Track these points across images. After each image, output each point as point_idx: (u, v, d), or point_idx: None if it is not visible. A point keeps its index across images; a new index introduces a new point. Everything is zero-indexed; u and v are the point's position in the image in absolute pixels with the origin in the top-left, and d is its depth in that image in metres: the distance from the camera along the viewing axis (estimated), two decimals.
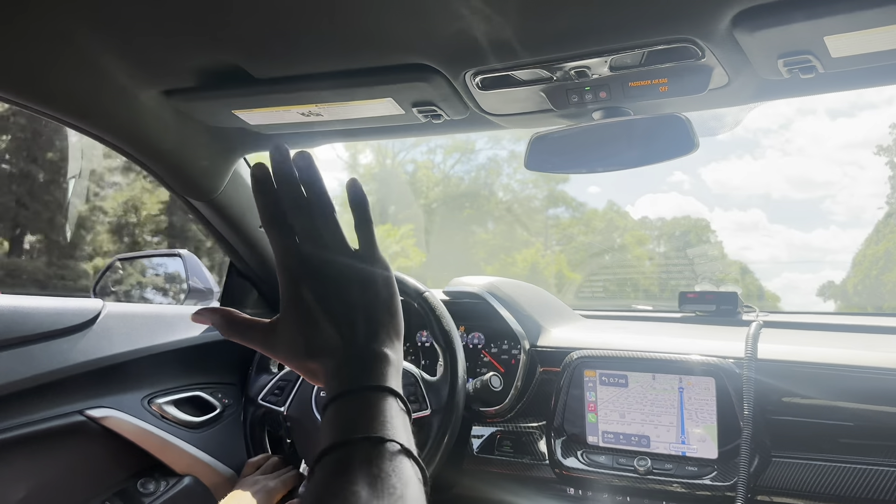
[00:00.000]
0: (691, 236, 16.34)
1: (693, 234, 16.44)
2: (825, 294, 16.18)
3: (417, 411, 1.22)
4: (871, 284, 13.92)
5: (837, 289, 15.88)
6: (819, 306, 16.22)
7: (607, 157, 1.19)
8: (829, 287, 16.55)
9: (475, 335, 1.63)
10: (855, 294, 13.99)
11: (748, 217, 24.27)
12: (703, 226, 19.52)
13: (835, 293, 15.71)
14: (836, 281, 17.53)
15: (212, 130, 1.40)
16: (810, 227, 25.09)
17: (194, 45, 1.05)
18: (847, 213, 23.86)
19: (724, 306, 1.56)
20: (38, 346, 1.30)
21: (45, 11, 0.95)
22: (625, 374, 1.29)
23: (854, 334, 1.38)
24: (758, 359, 1.23)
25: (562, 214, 20.35)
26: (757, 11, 0.87)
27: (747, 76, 1.05)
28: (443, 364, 1.25)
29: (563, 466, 1.31)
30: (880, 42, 0.91)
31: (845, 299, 14.58)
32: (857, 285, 14.40)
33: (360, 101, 1.18)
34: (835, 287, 16.23)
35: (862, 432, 1.17)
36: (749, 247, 23.20)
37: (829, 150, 27.06)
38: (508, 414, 1.46)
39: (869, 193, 20.22)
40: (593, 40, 0.98)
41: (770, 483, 1.18)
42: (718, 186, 27.78)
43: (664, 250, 15.63)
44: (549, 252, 19.47)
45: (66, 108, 1.23)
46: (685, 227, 17.71)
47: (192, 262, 1.86)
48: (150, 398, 1.51)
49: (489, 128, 1.35)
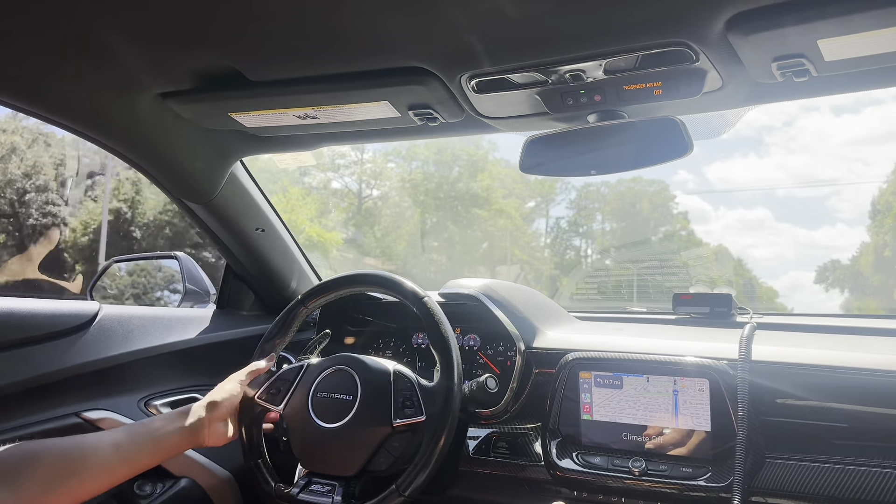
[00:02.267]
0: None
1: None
2: (826, 278, 15.66)
3: (412, 417, 1.22)
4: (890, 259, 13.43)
5: (845, 270, 15.30)
6: (824, 298, 16.05)
7: (602, 160, 1.20)
8: (833, 267, 15.97)
9: (471, 337, 1.63)
10: (875, 272, 13.56)
11: (754, 215, 24.23)
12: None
13: (841, 277, 15.17)
14: (841, 260, 16.96)
15: (208, 133, 1.40)
16: (816, 225, 25.06)
17: (191, 48, 1.06)
18: (853, 210, 23.85)
19: (719, 308, 1.57)
20: (35, 349, 1.30)
21: (42, 16, 0.95)
22: (619, 375, 1.30)
23: (847, 336, 1.39)
24: (752, 360, 1.23)
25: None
26: (751, 15, 0.88)
27: (741, 79, 1.05)
28: (439, 369, 1.26)
29: (559, 468, 1.31)
30: (873, 46, 0.92)
31: (858, 282, 14.09)
32: (874, 262, 13.80)
33: (356, 104, 1.19)
34: (841, 268, 15.68)
35: (856, 433, 1.17)
36: (755, 245, 23.12)
37: (833, 147, 27.02)
38: (504, 415, 1.47)
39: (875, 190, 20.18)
40: (588, 44, 0.98)
41: (764, 484, 1.19)
42: (723, 185, 27.73)
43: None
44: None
45: (63, 110, 1.23)
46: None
47: (188, 265, 1.86)
48: (146, 400, 1.51)
49: (485, 131, 1.35)
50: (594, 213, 23.19)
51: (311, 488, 1.26)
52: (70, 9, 0.93)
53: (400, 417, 1.22)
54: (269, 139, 1.46)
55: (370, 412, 1.25)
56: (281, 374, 1.35)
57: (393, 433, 1.23)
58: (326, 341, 1.51)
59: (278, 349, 1.41)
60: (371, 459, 1.24)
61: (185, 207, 1.56)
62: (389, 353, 1.74)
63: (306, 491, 1.26)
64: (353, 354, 1.33)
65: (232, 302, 1.85)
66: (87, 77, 1.14)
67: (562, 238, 24.03)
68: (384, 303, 1.78)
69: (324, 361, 1.34)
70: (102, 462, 1.08)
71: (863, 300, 15.61)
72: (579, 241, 23.85)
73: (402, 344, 1.74)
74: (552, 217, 25.61)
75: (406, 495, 1.18)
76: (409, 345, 1.73)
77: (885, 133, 25.15)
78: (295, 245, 1.82)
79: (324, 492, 1.24)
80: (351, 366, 1.30)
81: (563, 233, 23.95)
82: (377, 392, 1.26)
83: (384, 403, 1.24)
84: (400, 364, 1.31)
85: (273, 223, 1.71)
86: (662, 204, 22.10)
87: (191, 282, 1.84)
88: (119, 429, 1.16)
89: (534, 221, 24.37)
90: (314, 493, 1.25)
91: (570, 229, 23.80)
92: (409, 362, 1.69)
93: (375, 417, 1.24)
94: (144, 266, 1.96)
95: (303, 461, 1.31)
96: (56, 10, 0.94)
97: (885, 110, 25.79)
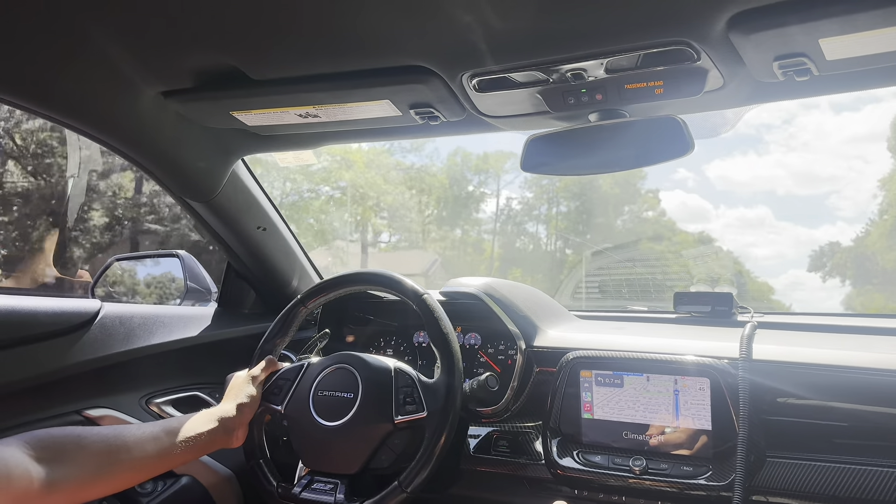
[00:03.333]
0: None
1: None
2: (823, 265, 14.62)
3: (414, 413, 1.23)
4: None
5: (847, 254, 14.28)
6: (824, 296, 15.23)
7: (603, 159, 1.20)
8: (831, 251, 14.93)
9: (472, 335, 1.63)
10: (888, 249, 12.52)
11: (754, 214, 24.14)
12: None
13: (841, 263, 14.12)
14: (841, 242, 15.81)
15: (210, 132, 1.40)
16: (817, 223, 24.97)
17: (192, 46, 1.06)
18: (853, 209, 23.73)
19: (720, 307, 1.57)
20: (37, 347, 1.30)
21: (44, 15, 0.95)
22: (620, 374, 1.30)
23: (848, 335, 1.39)
24: (753, 359, 1.23)
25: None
26: (752, 14, 0.88)
27: (743, 78, 1.05)
28: (440, 366, 1.26)
29: (559, 466, 1.31)
30: (875, 45, 0.92)
31: (864, 268, 13.06)
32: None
33: (357, 102, 1.19)
34: (842, 251, 14.70)
35: (856, 432, 1.17)
36: (755, 244, 22.96)
37: (833, 145, 26.91)
38: (505, 414, 1.47)
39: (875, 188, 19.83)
40: (589, 43, 0.98)
41: (765, 483, 1.19)
42: (723, 183, 27.66)
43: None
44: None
45: (66, 109, 1.23)
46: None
47: (189, 263, 1.86)
48: (147, 398, 1.52)
49: (486, 130, 1.36)
50: (546, 193, 19.66)
51: (313, 487, 1.26)
52: (72, 8, 0.94)
53: (401, 414, 1.23)
54: (271, 138, 1.47)
55: (371, 410, 1.25)
56: (282, 373, 1.35)
57: (394, 430, 1.23)
58: (327, 340, 1.51)
59: (279, 348, 1.41)
60: (373, 457, 1.24)
61: (186, 206, 1.56)
62: (390, 351, 1.74)
63: (308, 489, 1.26)
64: (353, 353, 1.33)
65: (233, 300, 1.85)
66: (89, 76, 1.14)
67: (514, 222, 20.28)
68: (385, 301, 1.78)
69: (325, 360, 1.35)
70: (143, 455, 1.10)
71: (868, 294, 13.77)
72: (533, 224, 20.38)
73: (403, 342, 1.74)
74: (503, 197, 22.20)
75: (408, 491, 1.18)
76: (410, 343, 1.73)
77: (885, 130, 25.08)
78: (296, 244, 1.82)
79: (325, 490, 1.24)
80: (352, 364, 1.30)
81: (516, 215, 20.24)
82: (378, 389, 1.26)
83: (385, 400, 1.24)
84: (401, 362, 1.31)
85: (274, 222, 1.71)
86: (626, 180, 18.00)
87: (192, 280, 1.84)
88: (154, 424, 1.18)
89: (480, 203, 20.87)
90: (316, 492, 1.25)
91: (523, 211, 20.19)
92: (409, 360, 1.69)
93: (377, 415, 1.24)
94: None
95: (304, 459, 1.31)
96: (58, 9, 0.94)
97: (885, 107, 25.70)
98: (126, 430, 1.12)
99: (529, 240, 20.21)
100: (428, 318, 1.29)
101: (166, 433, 1.15)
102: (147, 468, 1.13)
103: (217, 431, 1.21)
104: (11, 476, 0.90)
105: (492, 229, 20.25)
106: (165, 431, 1.16)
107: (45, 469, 0.96)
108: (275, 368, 1.36)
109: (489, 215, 20.99)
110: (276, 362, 1.37)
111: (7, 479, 0.89)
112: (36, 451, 0.97)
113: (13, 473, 0.91)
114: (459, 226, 20.30)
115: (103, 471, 1.04)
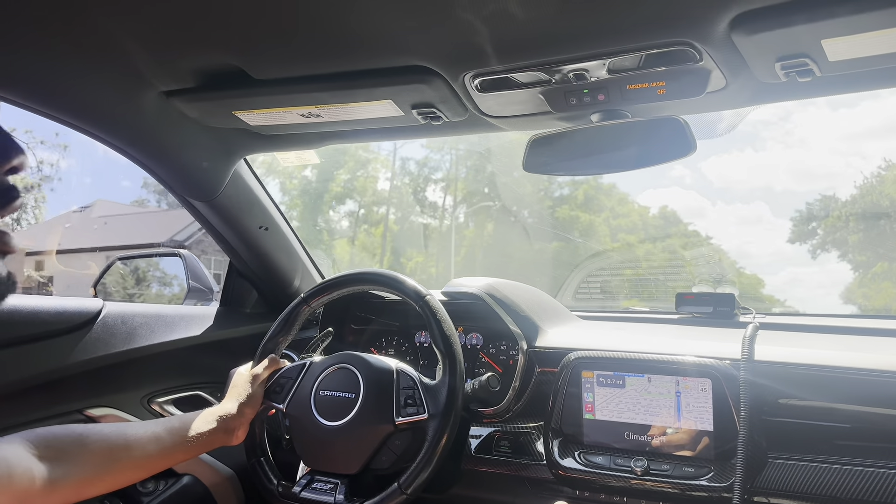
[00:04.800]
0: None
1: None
2: (812, 233, 13.48)
3: (415, 415, 1.23)
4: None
5: (844, 210, 13.36)
6: (822, 293, 14.70)
7: (605, 160, 1.20)
8: (823, 209, 13.98)
9: (473, 336, 1.63)
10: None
11: (751, 211, 24.06)
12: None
13: (834, 228, 13.23)
14: (839, 196, 14.39)
15: (212, 131, 1.41)
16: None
17: (195, 47, 1.06)
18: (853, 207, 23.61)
19: (721, 308, 1.57)
20: (39, 346, 1.31)
21: (45, 15, 0.95)
22: (622, 375, 1.30)
23: (850, 336, 1.39)
24: (754, 360, 1.23)
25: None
26: (755, 15, 0.88)
27: (745, 79, 1.05)
28: (442, 368, 1.26)
29: (561, 467, 1.31)
30: (877, 46, 0.91)
31: (872, 233, 12.15)
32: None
33: (359, 102, 1.19)
34: (839, 207, 13.58)
35: (858, 434, 1.17)
36: (752, 241, 22.80)
37: (830, 142, 26.83)
38: (506, 414, 1.47)
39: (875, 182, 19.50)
40: (592, 43, 0.98)
41: (766, 484, 1.19)
42: (720, 180, 27.58)
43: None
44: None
45: (68, 109, 1.23)
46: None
47: (192, 262, 1.86)
48: (149, 397, 1.52)
49: (488, 130, 1.36)
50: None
51: (314, 486, 1.26)
52: (74, 7, 0.94)
53: (402, 415, 1.23)
54: (273, 137, 1.47)
55: (372, 410, 1.25)
56: (284, 372, 1.35)
57: (395, 431, 1.23)
58: (329, 339, 1.51)
59: (281, 347, 1.41)
60: (373, 457, 1.24)
61: (188, 205, 1.56)
62: (392, 351, 1.74)
63: (308, 489, 1.26)
64: (355, 353, 1.33)
65: (235, 300, 1.85)
66: (92, 76, 1.14)
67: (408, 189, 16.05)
68: (387, 301, 1.79)
69: (326, 360, 1.35)
70: (144, 454, 1.11)
71: (870, 285, 11.73)
72: (433, 189, 16.19)
73: (405, 342, 1.74)
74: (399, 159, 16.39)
75: (408, 493, 1.18)
76: (412, 343, 1.73)
77: (882, 127, 25.03)
78: (298, 243, 1.83)
79: (326, 490, 1.24)
80: (353, 364, 1.30)
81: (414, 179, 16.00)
82: (380, 390, 1.26)
83: (386, 401, 1.24)
84: (402, 362, 1.31)
85: (276, 221, 1.71)
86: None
87: (194, 279, 1.85)
88: (155, 422, 1.19)
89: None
90: (316, 491, 1.25)
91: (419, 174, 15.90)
92: (411, 361, 1.70)
93: (378, 415, 1.24)
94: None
95: (305, 459, 1.31)
96: (60, 9, 0.94)
97: (882, 104, 25.62)
98: (127, 429, 1.13)
99: (432, 211, 16.05)
100: (430, 319, 1.29)
101: (167, 432, 1.16)
102: (148, 466, 1.13)
103: (218, 430, 1.21)
104: (13, 474, 0.90)
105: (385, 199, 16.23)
106: (167, 430, 1.16)
107: (47, 467, 0.96)
108: (277, 367, 1.36)
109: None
110: (278, 361, 1.37)
111: (9, 478, 0.90)
112: (38, 450, 0.97)
113: (15, 472, 0.91)
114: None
115: (105, 469, 1.05)
